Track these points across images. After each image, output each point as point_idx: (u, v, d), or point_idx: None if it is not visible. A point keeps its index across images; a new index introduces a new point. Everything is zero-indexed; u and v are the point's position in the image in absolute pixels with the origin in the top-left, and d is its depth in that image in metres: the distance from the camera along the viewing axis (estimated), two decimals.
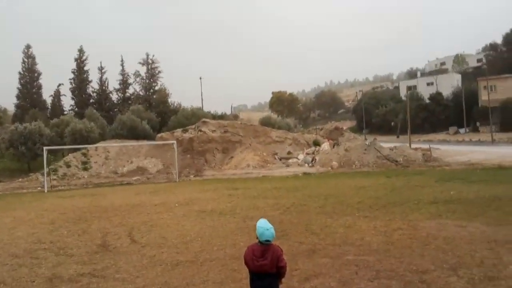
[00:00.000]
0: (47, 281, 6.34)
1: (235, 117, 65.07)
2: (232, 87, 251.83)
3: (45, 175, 25.93)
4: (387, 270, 5.98)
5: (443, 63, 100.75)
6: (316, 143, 38.35)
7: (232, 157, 34.41)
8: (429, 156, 28.83)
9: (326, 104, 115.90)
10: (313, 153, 33.87)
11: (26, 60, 58.58)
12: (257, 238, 4.00)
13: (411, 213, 10.45)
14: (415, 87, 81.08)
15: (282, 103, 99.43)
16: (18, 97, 58.16)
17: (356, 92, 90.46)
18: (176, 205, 14.14)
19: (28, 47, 58.92)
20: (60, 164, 32.96)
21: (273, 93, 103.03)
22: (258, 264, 3.92)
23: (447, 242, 7.42)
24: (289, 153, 35.15)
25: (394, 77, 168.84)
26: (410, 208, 11.07)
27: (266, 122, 50.12)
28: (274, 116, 79.01)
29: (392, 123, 66.76)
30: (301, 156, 33.34)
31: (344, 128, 59.76)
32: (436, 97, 65.41)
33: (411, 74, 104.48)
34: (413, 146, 35.33)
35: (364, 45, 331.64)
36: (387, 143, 35.83)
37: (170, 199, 15.81)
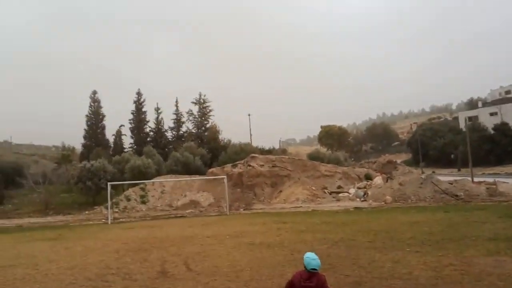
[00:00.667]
0: None
1: (283, 151, 65.76)
2: (280, 121, 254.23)
3: (109, 208, 27.88)
4: None
5: (508, 92, 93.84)
6: (368, 177, 37.96)
7: (281, 191, 34.89)
8: (494, 190, 27.01)
9: (378, 136, 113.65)
10: (364, 187, 33.58)
11: (92, 104, 63.79)
12: (304, 267, 4.60)
13: (466, 249, 10.25)
14: (476, 117, 77.66)
15: (332, 136, 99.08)
16: (85, 137, 63.22)
17: (411, 124, 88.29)
18: (227, 237, 14.84)
19: (94, 92, 64.40)
20: (121, 198, 35.20)
21: (322, 126, 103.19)
22: (304, 285, 4.52)
23: (501, 279, 7.37)
24: (339, 187, 35.06)
25: (454, 107, 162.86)
26: (465, 245, 10.83)
27: (314, 156, 50.37)
28: (323, 150, 78.92)
29: (452, 156, 63.97)
30: (352, 191, 33.15)
31: (398, 161, 58.44)
32: (502, 127, 62.07)
33: (472, 104, 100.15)
34: (476, 179, 33.73)
35: (419, 75, 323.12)
36: (446, 177, 34.74)
37: (221, 231, 16.56)
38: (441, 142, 69.70)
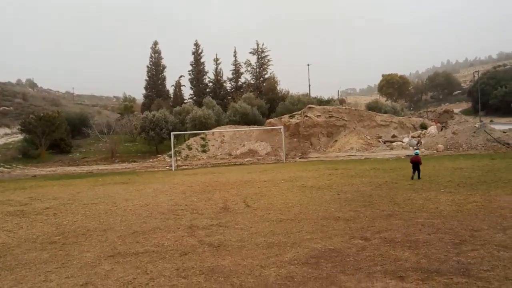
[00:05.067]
0: (188, 228, 8.80)
1: (341, 101, 65.32)
2: (341, 71, 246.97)
3: (173, 156, 30.38)
4: (446, 228, 7.28)
5: None
6: (423, 127, 37.50)
7: (336, 140, 35.67)
8: None
9: (440, 85, 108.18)
10: (418, 136, 33.47)
11: (153, 55, 66.22)
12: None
13: (494, 190, 11.15)
14: None
15: (392, 85, 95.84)
16: (146, 88, 66.19)
17: (474, 73, 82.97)
18: (282, 181, 16.30)
19: (155, 43, 66.51)
20: (183, 147, 37.78)
21: (383, 75, 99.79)
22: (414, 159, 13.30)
23: None
24: (393, 136, 35.14)
25: None
26: (496, 186, 11.71)
27: (372, 106, 49.87)
28: (381, 99, 77.09)
29: None
30: (406, 139, 33.22)
31: (457, 110, 56.30)
32: None
33: None
34: None
35: (490, 19, 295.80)
36: (504, 126, 33.59)
37: (277, 177, 18.05)
38: (502, 91, 65.67)
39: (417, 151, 16.25)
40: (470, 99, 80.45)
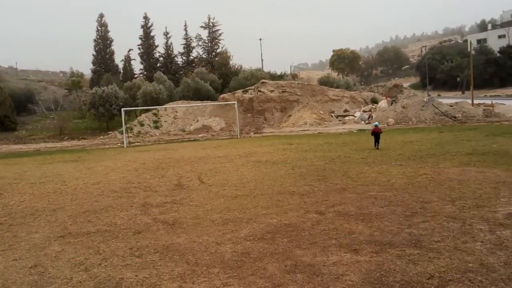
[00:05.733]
0: (141, 206, 8.55)
1: (294, 76, 65.82)
2: (293, 46, 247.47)
3: (124, 132, 29.41)
4: (398, 201, 7.50)
5: None
6: (374, 101, 38.70)
7: (290, 115, 36.04)
8: (490, 111, 28.30)
9: (389, 60, 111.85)
10: (369, 110, 34.50)
11: (99, 28, 63.22)
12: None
13: (443, 162, 11.63)
14: (485, 40, 75.90)
15: (343, 60, 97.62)
16: (93, 63, 63.44)
17: (421, 48, 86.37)
18: (237, 156, 16.24)
19: (101, 16, 63.44)
20: (134, 123, 36.74)
21: (334, 51, 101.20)
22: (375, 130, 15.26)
23: (460, 183, 8.68)
24: (345, 111, 36.03)
25: (467, 29, 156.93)
26: (444, 159, 12.23)
27: (325, 81, 50.68)
28: (333, 74, 78.52)
29: (458, 79, 63.95)
30: (357, 114, 34.15)
31: (405, 85, 58.50)
32: (507, 50, 61.38)
33: (483, 27, 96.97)
34: (477, 102, 34.50)
35: None
36: (450, 100, 35.33)
37: (231, 152, 17.98)
38: (448, 66, 69.11)
39: (377, 123, 17.25)
40: (418, 73, 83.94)
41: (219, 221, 6.97)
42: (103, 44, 63.31)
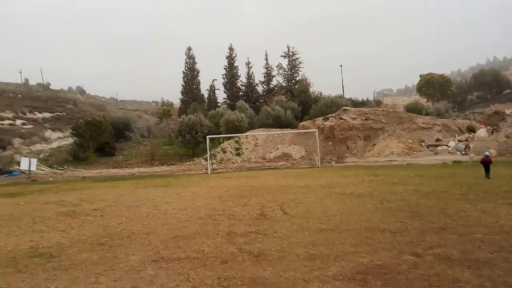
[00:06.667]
0: (226, 235, 8.55)
1: (378, 103, 63.81)
2: (376, 71, 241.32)
3: (208, 159, 30.47)
4: (511, 247, 6.54)
5: None
6: (471, 129, 35.87)
7: (374, 144, 34.65)
8: None
9: (487, 84, 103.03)
10: (466, 140, 31.96)
11: (188, 60, 67.42)
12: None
13: None
14: None
15: (432, 86, 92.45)
16: (182, 92, 67.73)
17: None
18: (319, 187, 15.79)
19: (189, 49, 67.82)
20: (218, 150, 37.94)
21: (421, 75, 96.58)
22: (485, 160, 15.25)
23: None
24: (437, 140, 33.76)
25: None
26: None
27: (412, 108, 48.30)
28: (422, 100, 74.73)
29: None
30: (452, 144, 31.80)
31: (508, 112, 53.47)
32: None
33: None
34: None
35: None
36: None
37: (313, 182, 17.55)
38: None
39: (487, 152, 17.34)
40: None
41: (305, 256, 6.67)
42: (190, 75, 67.37)
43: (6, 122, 54.57)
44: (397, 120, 37.08)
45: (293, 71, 64.00)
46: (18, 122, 56.15)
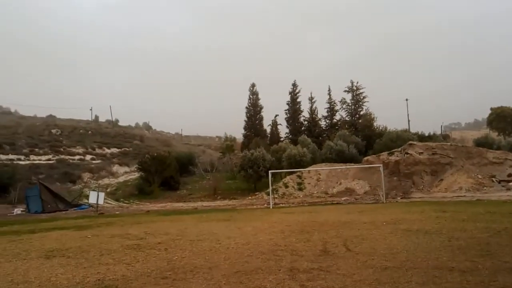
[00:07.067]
0: (289, 271, 8.69)
1: (445, 137, 61.16)
2: (444, 105, 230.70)
3: (270, 194, 30.84)
4: None
5: None
6: None
7: (441, 179, 33.21)
8: None
9: None
10: None
11: (251, 96, 69.52)
12: None
13: None
14: None
15: (504, 119, 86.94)
16: (245, 128, 69.35)
17: None
18: (384, 223, 15.47)
19: (253, 85, 70.05)
20: (280, 185, 38.23)
21: (492, 109, 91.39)
22: None
23: None
24: (509, 175, 31.65)
25: None
26: None
27: (482, 142, 45.70)
28: (493, 135, 70.38)
29: None
30: None
31: None
32: None
33: None
34: None
35: None
36: None
37: (377, 218, 17.19)
38: None
39: None
40: None
41: None
42: (253, 110, 69.16)
43: (77, 157, 59.23)
44: (466, 154, 35.34)
45: (357, 105, 63.60)
46: (88, 157, 60.63)
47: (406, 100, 70.77)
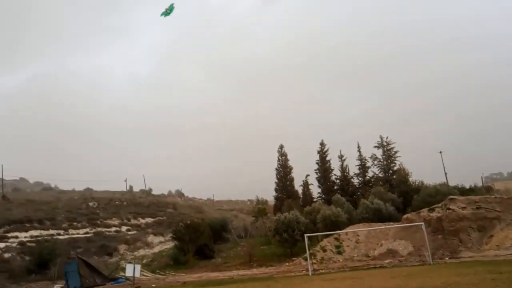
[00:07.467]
0: None
1: (488, 189, 58.46)
2: (479, 153, 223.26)
3: (308, 259, 29.71)
4: None
5: None
6: None
7: (491, 235, 31.24)
8: None
9: None
10: None
11: (280, 158, 69.57)
12: None
13: None
14: None
15: None
16: (276, 190, 68.60)
17: None
18: None
19: (281, 147, 70.18)
20: (317, 249, 36.87)
21: None
22: None
23: None
24: None
25: None
26: None
27: None
28: None
29: None
30: None
31: None
32: None
33: None
34: None
35: None
36: None
37: (427, 283, 16.12)
38: None
39: None
40: None
41: None
42: (283, 172, 68.77)
43: (113, 229, 59.68)
44: None
45: (389, 161, 62.39)
46: (124, 228, 60.93)
47: (440, 152, 68.84)
